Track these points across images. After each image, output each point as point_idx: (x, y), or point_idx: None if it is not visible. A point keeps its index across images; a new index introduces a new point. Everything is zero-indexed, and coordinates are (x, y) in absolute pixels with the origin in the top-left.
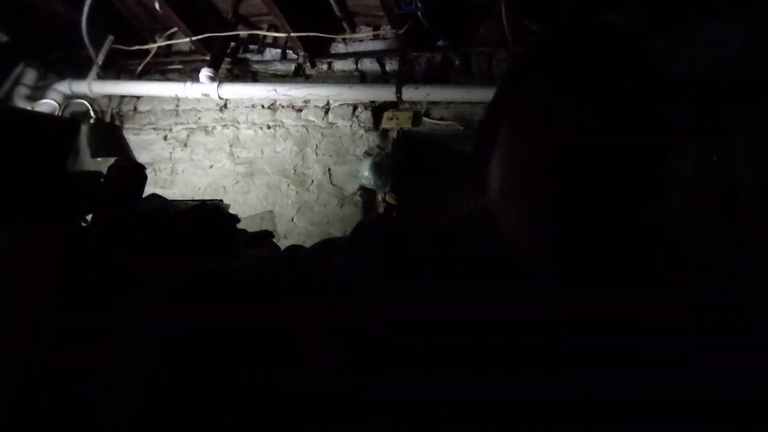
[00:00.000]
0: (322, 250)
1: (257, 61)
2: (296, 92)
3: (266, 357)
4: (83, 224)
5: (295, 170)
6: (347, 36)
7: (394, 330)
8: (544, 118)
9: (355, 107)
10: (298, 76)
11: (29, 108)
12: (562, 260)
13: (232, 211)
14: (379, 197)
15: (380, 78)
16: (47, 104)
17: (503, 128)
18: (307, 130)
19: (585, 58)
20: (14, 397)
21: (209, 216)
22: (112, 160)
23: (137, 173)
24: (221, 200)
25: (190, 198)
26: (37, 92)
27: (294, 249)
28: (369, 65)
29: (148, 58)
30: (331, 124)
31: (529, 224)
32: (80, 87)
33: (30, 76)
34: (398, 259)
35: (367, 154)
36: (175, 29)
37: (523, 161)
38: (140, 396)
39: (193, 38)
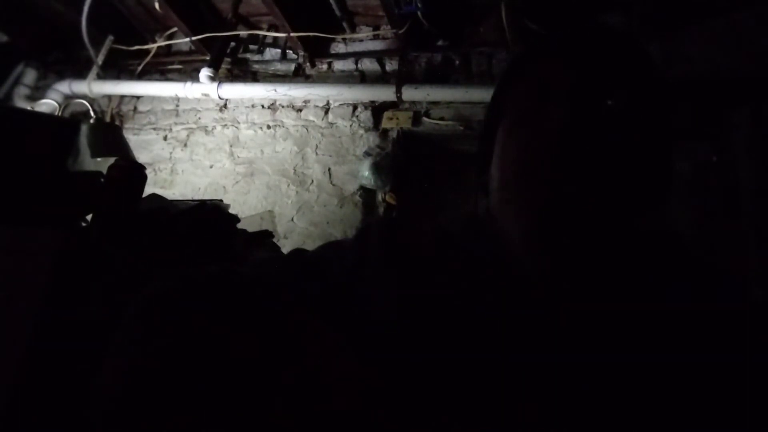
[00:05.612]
0: (327, 253)
1: (257, 61)
2: (296, 92)
3: (268, 368)
4: (83, 224)
5: (295, 170)
6: (347, 36)
7: (406, 316)
8: (535, 118)
9: (355, 107)
10: (298, 76)
11: (29, 108)
12: (557, 262)
13: (232, 211)
14: (379, 197)
15: (380, 78)
16: (47, 104)
17: (499, 131)
18: (307, 130)
19: (576, 57)
20: (13, 398)
21: (209, 216)
22: (112, 160)
23: (137, 173)
24: (221, 200)
25: (190, 198)
26: (37, 92)
27: (298, 252)
28: (369, 65)
29: (148, 58)
30: (331, 124)
31: (524, 224)
32: (80, 87)
33: (30, 76)
34: (403, 261)
35: (367, 154)
36: (175, 29)
37: (516, 161)
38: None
39: (193, 38)
